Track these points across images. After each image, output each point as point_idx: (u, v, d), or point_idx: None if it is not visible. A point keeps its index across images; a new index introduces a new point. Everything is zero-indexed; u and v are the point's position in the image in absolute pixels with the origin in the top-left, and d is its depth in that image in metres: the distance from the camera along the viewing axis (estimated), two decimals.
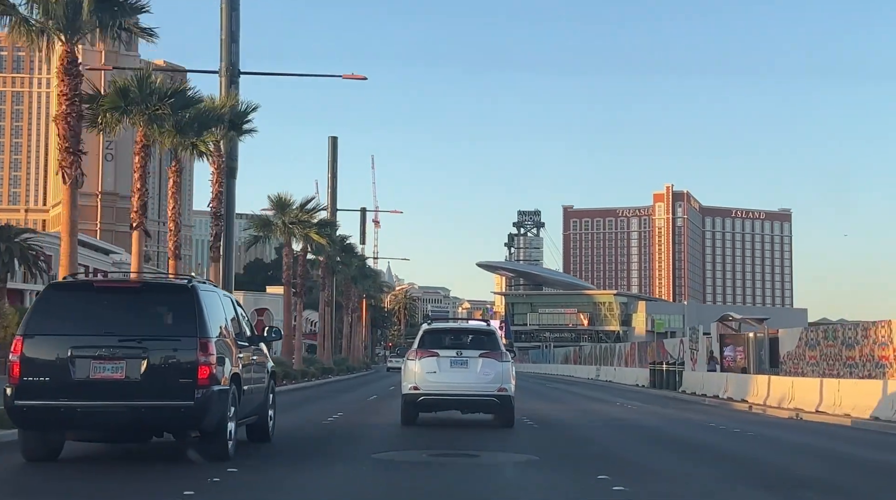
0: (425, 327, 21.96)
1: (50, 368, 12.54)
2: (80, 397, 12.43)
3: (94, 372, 12.44)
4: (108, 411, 12.51)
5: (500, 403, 20.30)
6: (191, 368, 12.51)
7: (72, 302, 13.25)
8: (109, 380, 12.43)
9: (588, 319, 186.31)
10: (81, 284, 14.96)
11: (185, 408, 12.48)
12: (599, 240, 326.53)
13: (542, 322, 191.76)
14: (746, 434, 21.62)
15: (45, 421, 12.72)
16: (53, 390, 12.45)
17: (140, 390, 12.46)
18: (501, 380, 20.28)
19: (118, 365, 12.46)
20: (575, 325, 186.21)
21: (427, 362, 20.27)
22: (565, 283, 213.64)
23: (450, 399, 20.48)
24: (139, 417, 12.59)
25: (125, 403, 12.47)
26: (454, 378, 20.14)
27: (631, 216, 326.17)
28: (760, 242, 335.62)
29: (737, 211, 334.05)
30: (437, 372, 20.16)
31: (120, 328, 12.75)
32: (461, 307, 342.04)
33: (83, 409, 12.43)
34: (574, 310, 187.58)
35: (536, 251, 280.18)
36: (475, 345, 20.69)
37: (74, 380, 12.41)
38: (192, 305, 12.88)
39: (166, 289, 14.26)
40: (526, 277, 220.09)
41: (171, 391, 12.46)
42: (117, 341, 12.56)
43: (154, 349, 12.57)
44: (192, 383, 12.46)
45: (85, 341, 12.57)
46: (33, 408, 12.50)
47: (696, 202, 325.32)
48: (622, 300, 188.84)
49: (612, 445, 18.38)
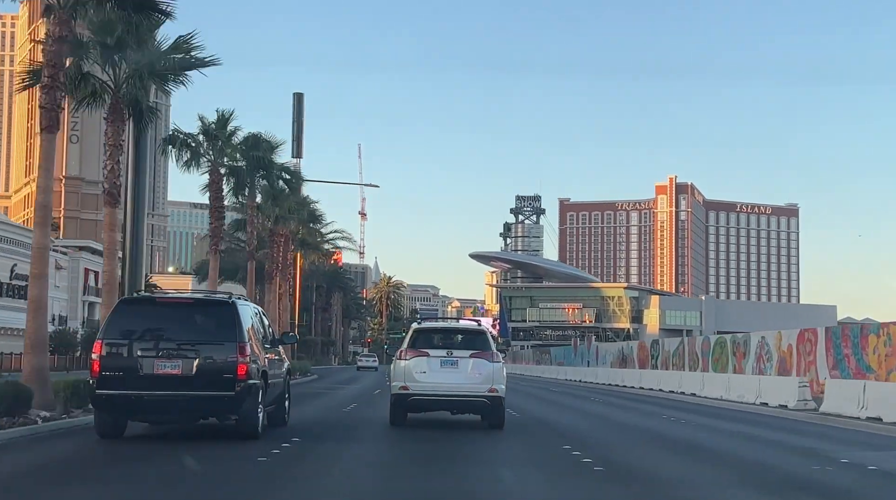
0: (415, 326, 22.05)
1: (123, 365, 16.08)
2: (146, 388, 15.94)
3: (157, 368, 15.97)
4: (167, 399, 16.07)
5: (490, 403, 20.29)
6: (231, 366, 15.98)
7: (138, 313, 16.88)
8: (169, 375, 15.94)
9: (594, 315, 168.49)
10: (146, 298, 18.49)
11: (227, 397, 16.04)
12: (597, 234, 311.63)
13: (542, 318, 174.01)
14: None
15: (119, 406, 16.32)
16: (126, 382, 15.99)
17: (192, 383, 15.92)
18: (492, 380, 20.22)
19: (176, 363, 15.98)
20: (580, 321, 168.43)
21: (417, 362, 20.31)
22: (569, 275, 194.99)
23: (440, 400, 20.43)
24: (191, 404, 16.21)
25: (181, 393, 15.96)
26: (444, 378, 20.16)
27: (631, 210, 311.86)
28: (766, 238, 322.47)
29: (742, 205, 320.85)
30: (428, 372, 20.21)
31: (176, 334, 16.22)
32: (450, 306, 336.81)
33: (149, 397, 16.03)
34: (579, 305, 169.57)
35: (536, 241, 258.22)
36: (466, 345, 20.65)
37: (142, 374, 15.96)
38: (232, 316, 16.43)
39: (212, 303, 17.41)
40: (525, 268, 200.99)
41: (217, 384, 15.94)
42: (175, 345, 16.12)
43: (203, 351, 16.10)
44: (233, 378, 15.93)
45: (150, 344, 16.14)
46: (110, 396, 16.11)
47: (700, 195, 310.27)
48: (633, 294, 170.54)
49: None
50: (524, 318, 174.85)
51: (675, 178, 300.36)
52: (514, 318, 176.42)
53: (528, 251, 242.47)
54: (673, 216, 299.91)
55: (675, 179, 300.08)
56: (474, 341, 20.62)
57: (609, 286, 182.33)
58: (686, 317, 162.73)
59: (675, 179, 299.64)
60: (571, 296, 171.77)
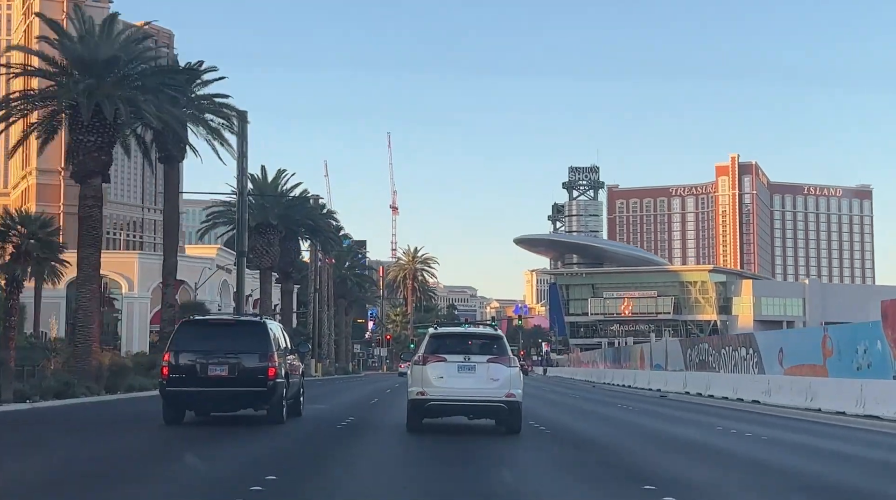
0: (432, 331, 22.27)
1: (185, 369, 22.12)
2: (202, 385, 22.04)
3: (210, 371, 21.99)
4: (216, 394, 22.28)
5: (508, 408, 20.48)
6: (264, 369, 21.96)
7: (196, 330, 23.23)
8: (218, 376, 21.98)
9: (672, 304, 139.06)
10: (201, 320, 24.90)
11: (261, 393, 22.08)
12: (649, 223, 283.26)
13: (607, 310, 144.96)
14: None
15: (183, 400, 22.49)
16: (187, 382, 22.04)
17: (236, 381, 21.99)
18: (510, 385, 20.40)
19: (223, 367, 21.98)
20: (654, 312, 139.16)
21: (434, 367, 20.55)
22: (637, 258, 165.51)
23: (457, 405, 20.81)
24: (235, 397, 22.40)
25: (227, 389, 22.06)
26: (462, 383, 20.40)
27: (686, 195, 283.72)
28: (838, 222, 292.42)
29: (809, 187, 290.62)
30: (445, 377, 20.44)
31: (224, 345, 22.36)
32: (489, 306, 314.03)
33: (204, 392, 22.18)
34: (653, 293, 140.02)
35: (594, 220, 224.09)
36: (483, 350, 20.85)
37: (199, 376, 22.02)
38: (264, 331, 22.65)
39: (248, 323, 23.80)
40: (582, 252, 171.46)
41: (253, 382, 21.96)
42: (222, 353, 22.13)
43: (243, 358, 22.11)
44: (265, 378, 21.89)
45: (204, 353, 22.16)
46: (176, 392, 22.19)
47: (764, 177, 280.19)
48: (719, 279, 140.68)
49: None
50: (585, 310, 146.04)
51: (738, 157, 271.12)
52: (573, 311, 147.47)
53: (586, 232, 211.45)
54: (736, 200, 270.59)
55: (738, 158, 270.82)
56: (491, 346, 20.81)
57: (690, 270, 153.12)
58: (786, 305, 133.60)
59: (738, 159, 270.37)
60: (643, 283, 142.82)
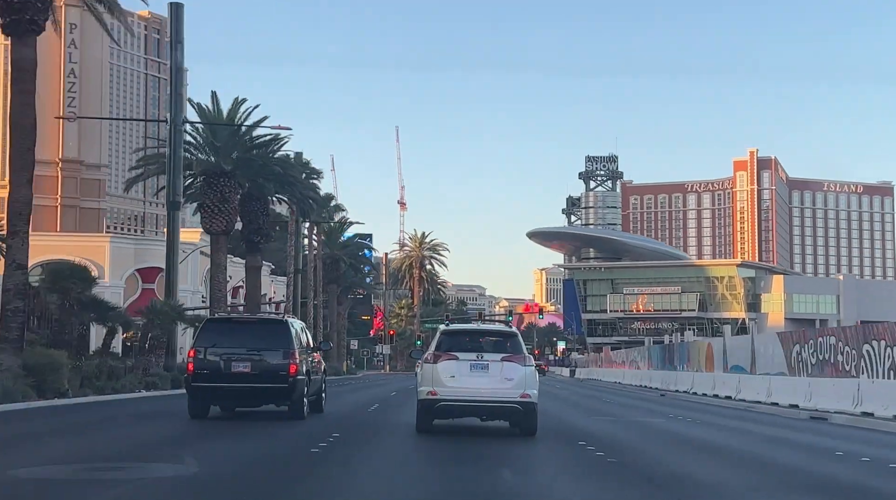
0: (443, 327, 21.52)
1: (209, 365, 22.13)
2: (226, 381, 22.01)
3: (233, 368, 21.97)
4: (240, 390, 22.23)
5: (522, 410, 19.49)
6: (285, 366, 21.91)
7: (220, 328, 23.68)
8: (241, 372, 21.96)
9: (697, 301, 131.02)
10: (225, 318, 26.91)
11: (282, 389, 21.99)
12: (664, 220, 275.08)
13: (627, 307, 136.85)
14: None
15: (207, 395, 22.49)
16: (211, 377, 22.05)
17: (259, 377, 21.90)
18: (525, 385, 19.39)
19: (246, 364, 21.97)
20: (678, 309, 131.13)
21: (445, 366, 19.55)
22: (659, 252, 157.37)
23: (470, 405, 19.76)
24: (258, 393, 22.27)
25: (250, 385, 21.97)
26: (474, 383, 19.43)
27: (703, 191, 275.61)
28: (858, 219, 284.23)
29: (829, 184, 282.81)
30: (457, 377, 19.48)
31: (247, 343, 22.39)
32: (498, 305, 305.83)
33: (228, 388, 22.17)
34: (677, 288, 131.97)
35: (612, 212, 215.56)
36: (497, 348, 19.89)
37: (223, 372, 22.01)
38: (286, 330, 22.68)
39: (270, 321, 24.54)
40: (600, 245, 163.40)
41: (275, 378, 21.82)
42: (246, 351, 22.19)
43: (266, 355, 22.12)
44: (287, 374, 21.83)
45: (228, 350, 22.22)
46: (201, 387, 22.17)
47: (783, 172, 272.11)
48: (748, 274, 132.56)
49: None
50: (604, 306, 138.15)
51: (757, 152, 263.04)
52: (591, 308, 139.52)
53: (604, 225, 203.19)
54: (754, 195, 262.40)
55: (757, 153, 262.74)
56: (505, 344, 19.83)
57: (717, 263, 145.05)
58: (819, 302, 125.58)
59: (757, 153, 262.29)
60: (667, 278, 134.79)
